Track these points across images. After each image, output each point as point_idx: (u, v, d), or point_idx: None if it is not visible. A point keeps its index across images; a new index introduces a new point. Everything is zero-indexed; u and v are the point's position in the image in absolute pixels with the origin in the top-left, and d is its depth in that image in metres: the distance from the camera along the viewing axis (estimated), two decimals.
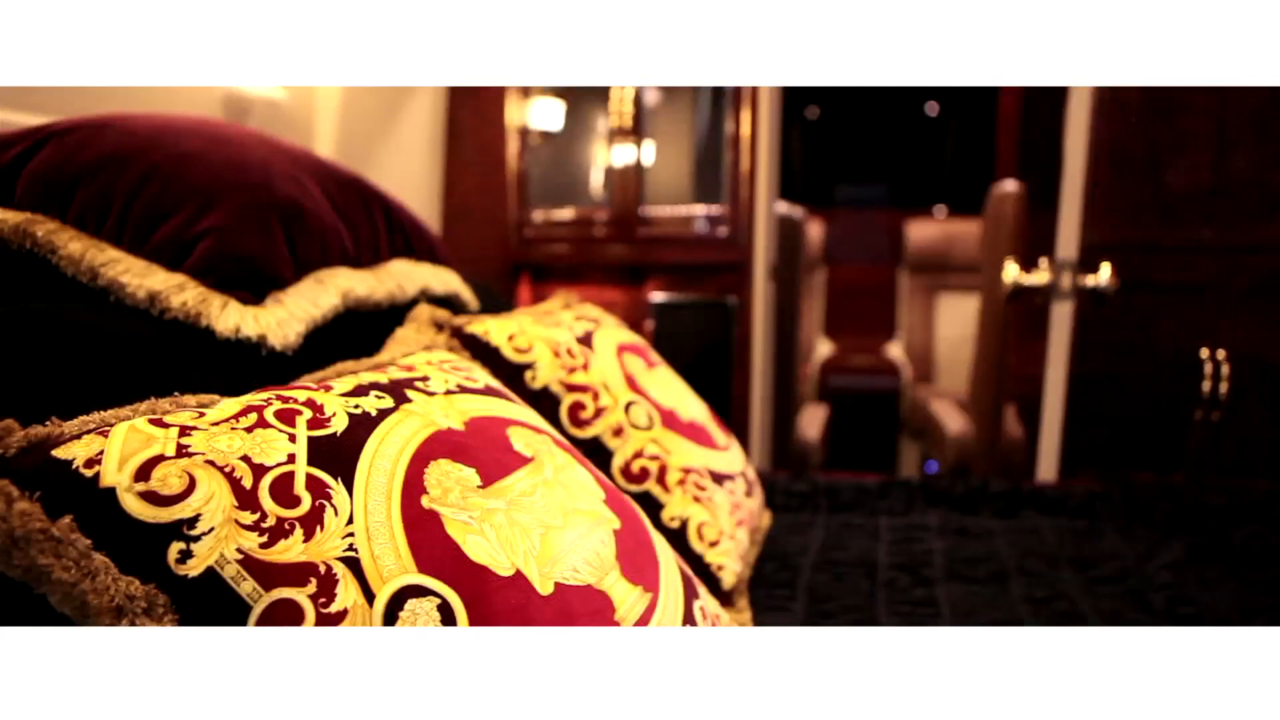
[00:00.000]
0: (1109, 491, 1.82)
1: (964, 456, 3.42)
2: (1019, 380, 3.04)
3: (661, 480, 1.26)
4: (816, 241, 5.47)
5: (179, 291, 1.04)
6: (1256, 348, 2.26)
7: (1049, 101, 1.94)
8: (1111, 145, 2.29)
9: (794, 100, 6.00)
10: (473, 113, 2.71)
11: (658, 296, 2.64)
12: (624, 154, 2.63)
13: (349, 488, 0.71)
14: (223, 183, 1.17)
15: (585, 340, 1.37)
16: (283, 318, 1.09)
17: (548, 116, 2.86)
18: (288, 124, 1.95)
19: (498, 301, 1.80)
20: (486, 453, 0.86)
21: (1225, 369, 2.25)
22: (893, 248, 5.57)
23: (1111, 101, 2.27)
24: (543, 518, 0.83)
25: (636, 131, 2.61)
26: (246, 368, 1.02)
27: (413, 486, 0.75)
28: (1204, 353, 2.27)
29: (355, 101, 2.20)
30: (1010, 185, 2.87)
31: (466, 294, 1.62)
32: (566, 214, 2.75)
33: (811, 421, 3.79)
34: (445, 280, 1.57)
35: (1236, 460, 2.30)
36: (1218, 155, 2.23)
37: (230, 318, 1.04)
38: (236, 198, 1.16)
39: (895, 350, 5.28)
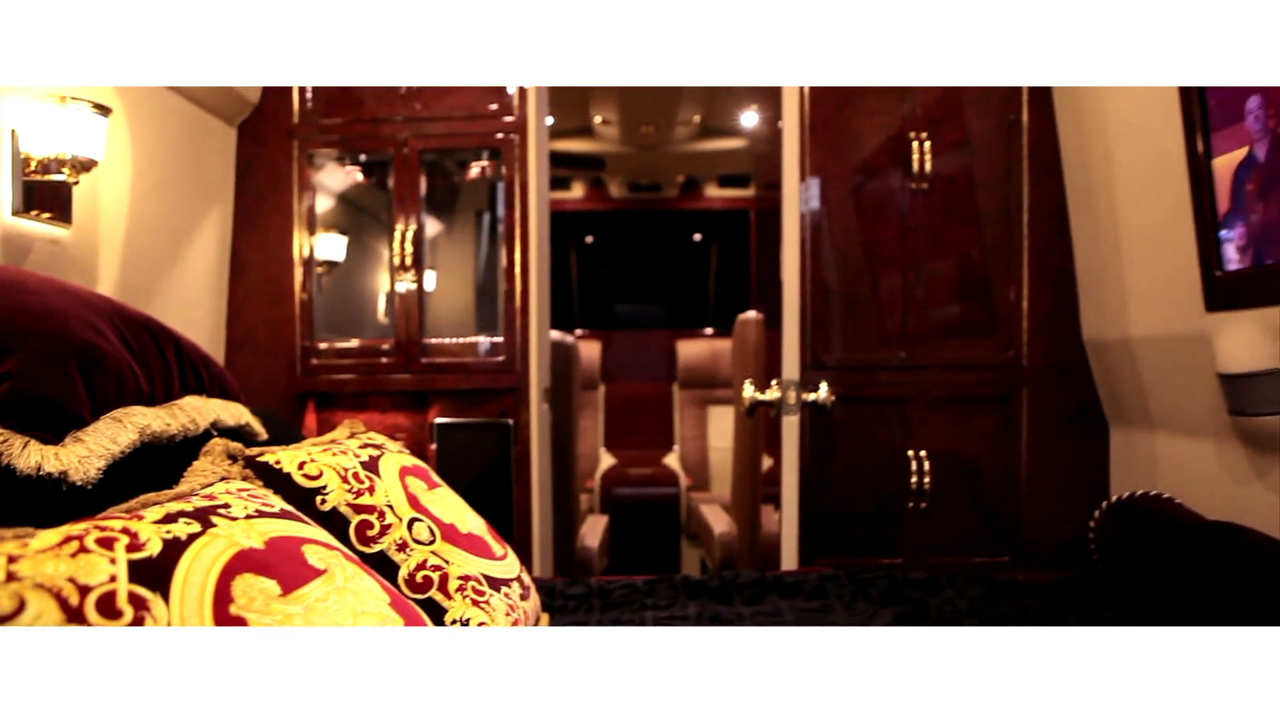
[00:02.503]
0: (838, 574, 2.13)
1: (729, 553, 3.75)
2: (774, 483, 3.40)
3: (443, 588, 1.41)
4: (595, 361, 5.82)
5: None
6: (949, 446, 2.72)
7: (774, 240, 2.32)
8: (826, 284, 2.73)
9: (571, 227, 6.41)
10: (257, 247, 2.81)
11: (441, 420, 2.80)
12: (407, 286, 2.81)
13: (166, 600, 0.84)
14: (20, 329, 1.25)
15: (370, 465, 1.53)
16: (83, 455, 1.18)
17: (331, 248, 3.01)
18: (71, 260, 2.00)
19: (285, 430, 1.90)
20: (285, 566, 1.00)
21: (927, 465, 2.70)
22: (668, 365, 6.02)
23: (831, 249, 2.73)
24: (335, 619, 0.98)
25: (418, 265, 2.81)
26: (49, 502, 1.11)
27: (222, 597, 0.89)
28: (910, 453, 2.71)
29: (138, 238, 2.26)
30: (751, 313, 3.30)
31: (256, 425, 1.73)
32: (352, 343, 2.88)
33: (592, 531, 4.01)
34: (235, 413, 1.68)
35: (943, 541, 2.73)
36: (906, 294, 2.73)
37: (31, 456, 1.13)
38: (34, 343, 1.25)
39: (673, 460, 5.65)
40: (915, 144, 2.67)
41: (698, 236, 6.57)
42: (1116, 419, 2.67)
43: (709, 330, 6.18)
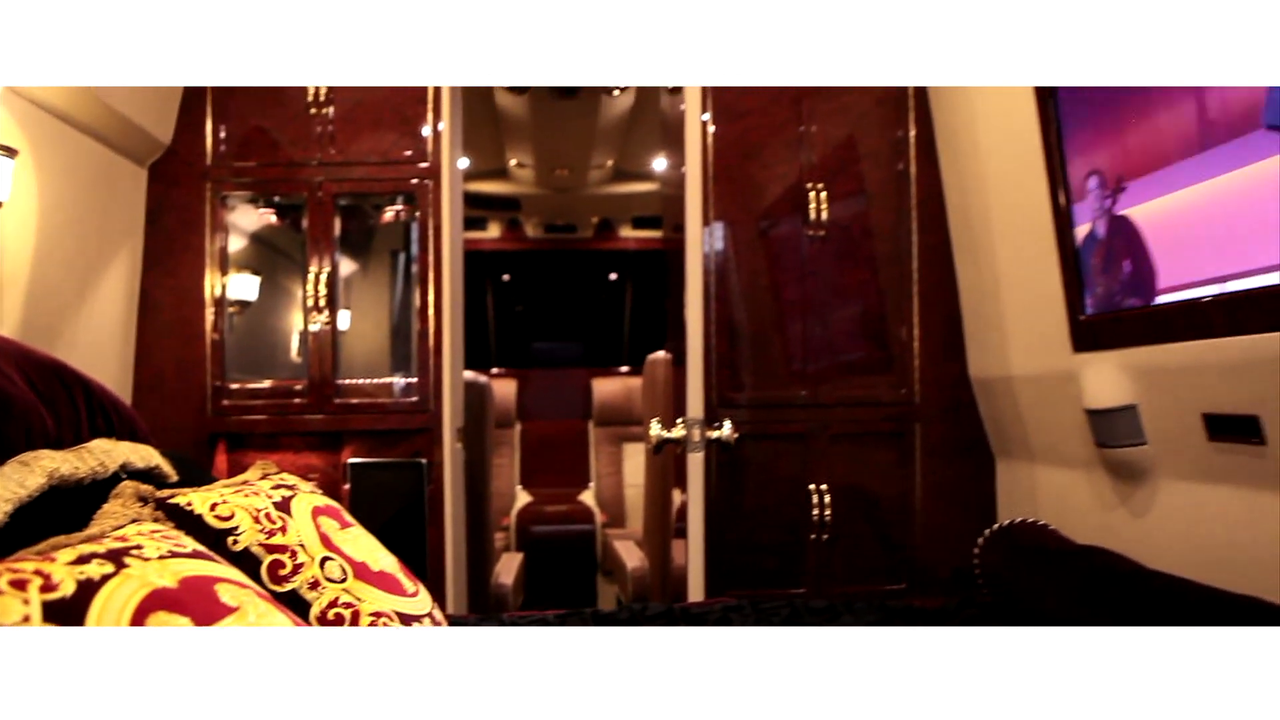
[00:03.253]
0: (742, 605, 2.22)
1: (641, 588, 3.82)
2: (685, 518, 3.49)
3: (355, 625, 1.45)
4: (511, 399, 5.85)
5: None
6: (849, 479, 2.86)
7: (680, 282, 2.42)
8: (735, 325, 2.86)
9: (487, 266, 6.46)
10: (167, 288, 2.80)
11: (354, 460, 2.81)
12: (320, 326, 2.83)
13: None
14: None
15: (283, 506, 1.56)
16: None
17: (244, 288, 3.00)
18: None
19: (196, 472, 1.91)
20: (198, 605, 1.04)
21: (828, 498, 2.82)
22: (584, 403, 6.09)
23: (739, 291, 2.85)
24: None
25: (331, 305, 2.83)
26: None
27: None
28: (812, 487, 2.83)
29: (43, 279, 2.24)
30: (661, 353, 3.42)
31: (166, 467, 1.74)
32: (264, 384, 2.88)
33: (507, 568, 4.03)
34: (145, 455, 1.69)
35: (845, 570, 2.85)
36: (807, 335, 2.87)
37: None
38: None
39: (588, 497, 5.70)
40: (813, 194, 2.83)
41: (613, 276, 6.70)
42: (1001, 452, 2.85)
43: (624, 368, 6.28)
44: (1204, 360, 1.81)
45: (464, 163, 4.34)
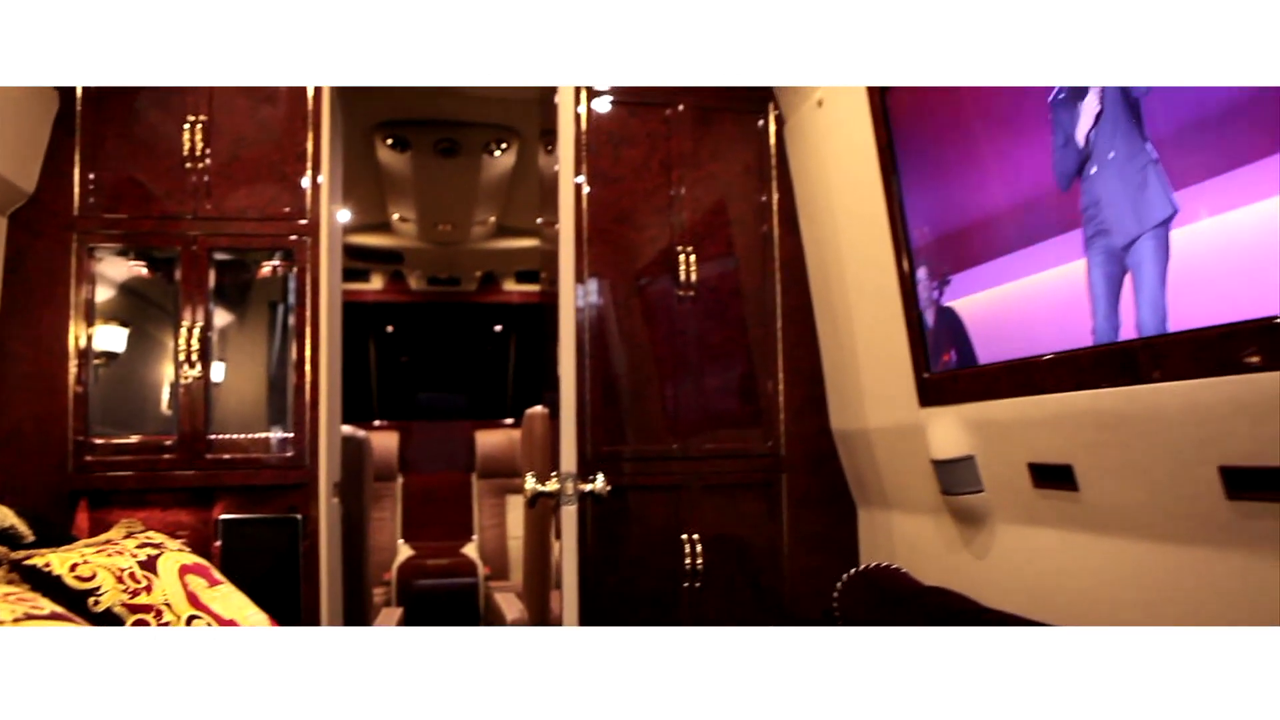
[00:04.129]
0: None
1: None
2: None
3: None
4: (393, 452, 5.79)
5: None
6: (720, 528, 2.98)
7: (554, 338, 2.50)
8: (612, 380, 2.96)
9: (370, 318, 6.41)
10: (26, 340, 2.70)
11: (226, 516, 2.76)
12: (193, 380, 2.78)
13: None
14: None
15: (148, 565, 1.55)
16: None
17: (111, 340, 2.92)
18: None
19: (54, 531, 1.87)
20: None
21: (700, 547, 2.93)
22: (467, 455, 6.07)
23: (616, 348, 2.96)
24: None
25: (204, 359, 2.79)
26: None
27: None
28: (685, 536, 2.93)
29: None
30: (539, 407, 3.49)
31: (21, 526, 1.70)
32: (131, 439, 2.80)
33: (385, 623, 3.98)
34: None
35: (717, 616, 2.95)
36: (678, 391, 3.00)
37: None
38: None
39: (472, 550, 5.67)
40: (683, 256, 2.99)
41: (498, 328, 6.73)
42: (861, 500, 3.02)
43: (508, 420, 6.30)
44: (1028, 415, 2.00)
45: (345, 215, 4.34)
